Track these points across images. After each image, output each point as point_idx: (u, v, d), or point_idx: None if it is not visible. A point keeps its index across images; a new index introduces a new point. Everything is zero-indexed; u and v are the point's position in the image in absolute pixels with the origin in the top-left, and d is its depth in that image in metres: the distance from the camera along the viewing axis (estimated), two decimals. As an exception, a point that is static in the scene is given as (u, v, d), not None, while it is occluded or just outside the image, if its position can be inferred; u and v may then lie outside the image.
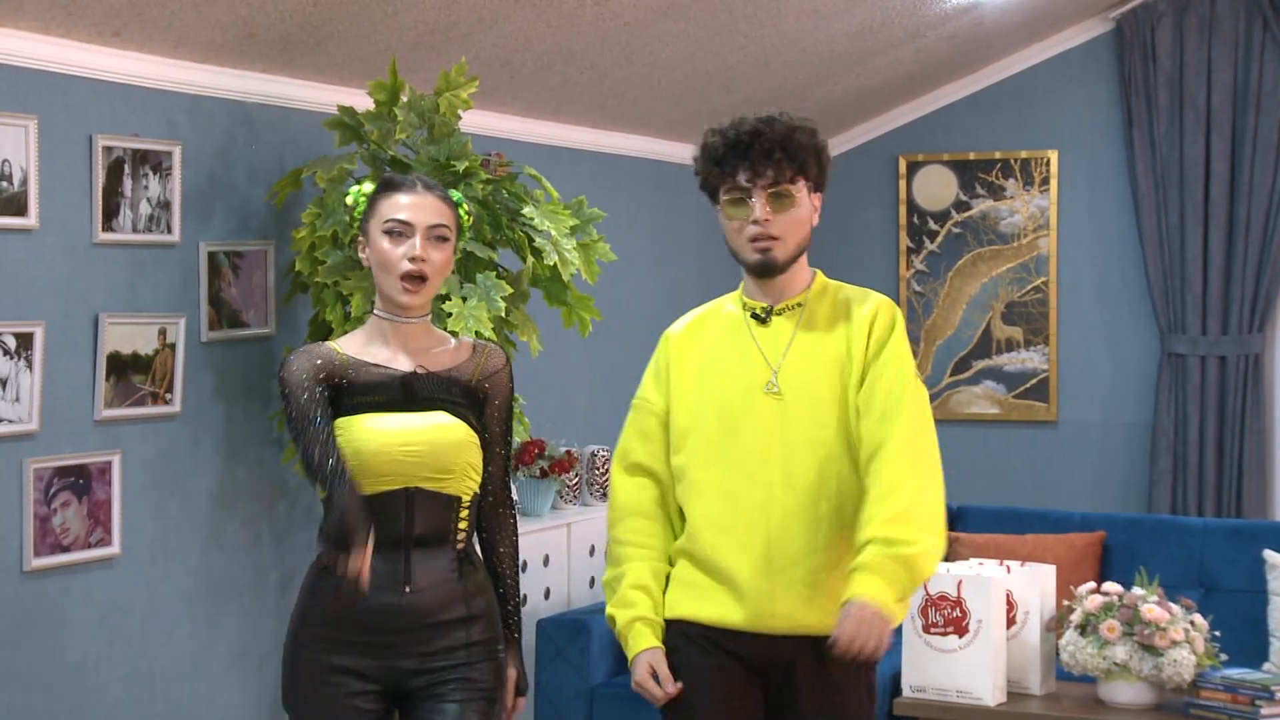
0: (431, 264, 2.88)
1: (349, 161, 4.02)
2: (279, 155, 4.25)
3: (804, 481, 2.87)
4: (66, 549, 3.70)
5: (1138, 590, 4.20)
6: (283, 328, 4.29)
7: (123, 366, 3.83)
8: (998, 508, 5.55)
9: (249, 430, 4.20)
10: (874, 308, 2.94)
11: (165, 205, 3.93)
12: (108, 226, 3.79)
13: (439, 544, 2.90)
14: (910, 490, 2.77)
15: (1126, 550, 5.14)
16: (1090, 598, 4.21)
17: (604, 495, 5.29)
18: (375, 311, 2.96)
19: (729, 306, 3.02)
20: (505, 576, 3.04)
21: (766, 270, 2.92)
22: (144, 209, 3.88)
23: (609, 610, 2.99)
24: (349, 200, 3.02)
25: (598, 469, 5.28)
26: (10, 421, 3.57)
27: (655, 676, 2.89)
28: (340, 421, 2.86)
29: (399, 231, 2.88)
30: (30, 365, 3.60)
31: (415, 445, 2.86)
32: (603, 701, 4.71)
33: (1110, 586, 4.25)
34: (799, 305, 2.96)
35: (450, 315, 3.83)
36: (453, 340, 3.01)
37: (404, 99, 4.05)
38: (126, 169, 3.83)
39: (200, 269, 4.03)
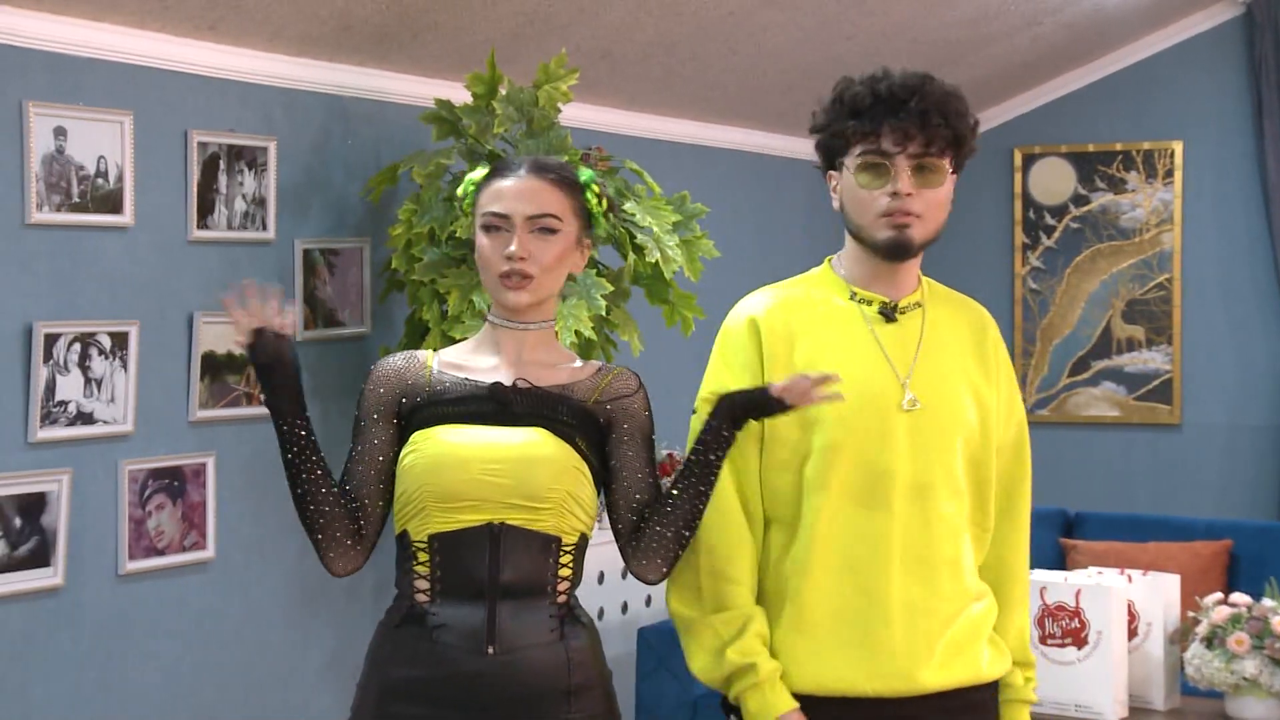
0: (535, 261, 2.42)
1: (446, 156, 3.98)
2: (375, 150, 4.21)
3: (937, 516, 2.47)
4: (161, 552, 3.68)
5: (1268, 602, 4.05)
6: (378, 326, 4.24)
7: (217, 366, 3.80)
8: (1118, 514, 5.46)
9: (345, 430, 4.06)
10: (995, 331, 2.62)
11: (260, 202, 3.89)
12: (202, 224, 3.76)
13: (534, 595, 2.38)
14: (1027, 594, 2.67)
15: (1255, 559, 5.03)
16: (1217, 609, 4.07)
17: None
18: (488, 316, 2.53)
19: (826, 292, 2.54)
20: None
21: (898, 252, 2.46)
22: (239, 206, 3.85)
23: (733, 654, 2.47)
24: (459, 191, 2.58)
25: (701, 472, 5.17)
26: (106, 422, 3.55)
27: None
28: (416, 435, 2.45)
29: (495, 226, 2.44)
30: (125, 365, 3.58)
31: (500, 464, 2.37)
32: (706, 713, 4.62)
33: (1238, 597, 4.10)
34: (918, 305, 2.54)
35: (549, 314, 3.74)
36: (579, 361, 2.53)
37: (502, 92, 4.00)
38: (222, 165, 3.80)
39: (295, 267, 4.00)
